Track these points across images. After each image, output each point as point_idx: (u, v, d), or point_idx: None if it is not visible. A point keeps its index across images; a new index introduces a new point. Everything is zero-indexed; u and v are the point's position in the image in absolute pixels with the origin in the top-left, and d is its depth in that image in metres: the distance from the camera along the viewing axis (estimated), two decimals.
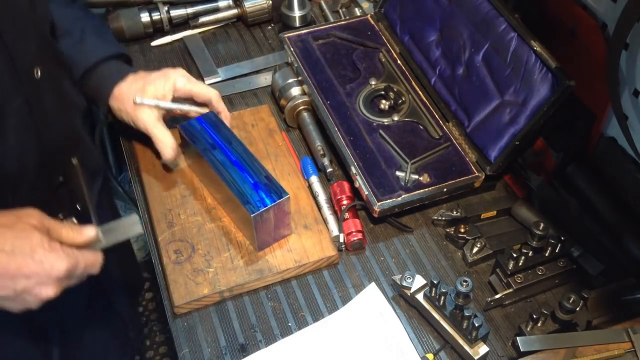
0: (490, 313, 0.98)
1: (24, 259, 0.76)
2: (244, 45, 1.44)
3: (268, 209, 0.97)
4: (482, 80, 1.12)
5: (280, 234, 1.02)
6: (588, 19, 1.01)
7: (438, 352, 0.93)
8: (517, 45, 1.07)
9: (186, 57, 1.41)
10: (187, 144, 1.09)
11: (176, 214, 1.06)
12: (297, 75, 1.25)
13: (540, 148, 1.12)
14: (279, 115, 1.28)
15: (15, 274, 0.76)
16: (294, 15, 1.38)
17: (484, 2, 1.13)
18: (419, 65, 1.24)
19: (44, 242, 0.78)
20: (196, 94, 1.11)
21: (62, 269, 0.78)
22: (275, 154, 1.15)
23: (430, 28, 1.23)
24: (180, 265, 1.00)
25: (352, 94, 1.21)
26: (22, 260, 0.76)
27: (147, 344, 2.08)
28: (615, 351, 0.85)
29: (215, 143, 1.06)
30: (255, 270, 1.00)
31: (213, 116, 1.11)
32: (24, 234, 0.77)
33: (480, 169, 1.09)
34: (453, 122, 1.15)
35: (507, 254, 0.97)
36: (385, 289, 1.01)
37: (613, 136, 1.03)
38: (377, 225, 1.10)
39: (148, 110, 1.08)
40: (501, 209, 1.09)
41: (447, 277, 1.02)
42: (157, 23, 1.43)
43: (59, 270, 0.78)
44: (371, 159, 1.10)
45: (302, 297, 1.00)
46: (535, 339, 0.87)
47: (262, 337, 0.95)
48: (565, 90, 0.99)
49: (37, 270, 0.77)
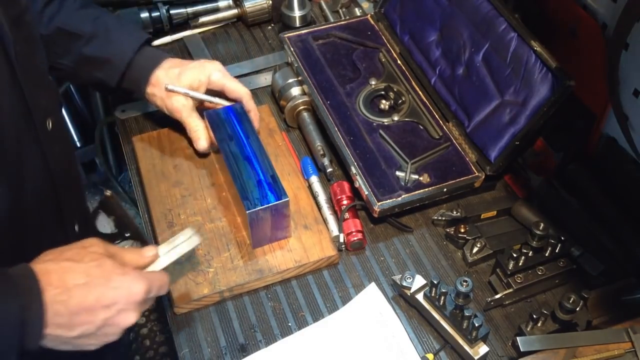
0: (490, 313, 0.98)
1: (100, 289, 0.73)
2: (244, 45, 1.44)
3: (265, 208, 0.97)
4: (482, 80, 1.12)
5: (277, 236, 1.02)
6: (588, 19, 1.01)
7: (438, 352, 0.93)
8: (517, 45, 1.07)
9: (186, 57, 1.41)
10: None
11: (176, 214, 1.06)
12: (297, 75, 1.25)
13: (540, 148, 1.12)
14: (279, 115, 1.28)
15: (94, 306, 0.73)
16: (294, 15, 1.38)
17: (484, 2, 1.13)
18: (419, 65, 1.24)
19: (116, 267, 0.75)
20: (229, 90, 1.13)
21: (141, 291, 0.76)
22: (275, 154, 1.15)
23: (430, 28, 1.23)
24: (180, 265, 1.00)
25: (352, 94, 1.21)
26: (100, 291, 0.73)
27: (147, 344, 2.08)
28: (615, 351, 0.85)
29: (234, 135, 1.08)
30: (255, 270, 1.00)
31: (239, 108, 1.13)
32: (95, 263, 0.74)
33: (480, 169, 1.09)
34: (453, 122, 1.15)
35: (507, 254, 0.97)
36: (385, 289, 1.01)
37: (613, 136, 1.03)
38: (377, 225, 1.10)
39: (182, 99, 1.10)
40: (501, 209, 1.09)
41: (447, 277, 1.02)
42: (157, 23, 1.43)
43: (137, 293, 0.75)
44: (371, 159, 1.10)
45: (302, 297, 1.00)
46: (535, 339, 0.87)
47: (262, 337, 0.95)
48: (565, 90, 0.99)
49: (117, 298, 0.74)
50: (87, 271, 0.74)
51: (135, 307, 0.77)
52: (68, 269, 0.73)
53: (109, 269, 0.75)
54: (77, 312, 0.72)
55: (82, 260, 0.74)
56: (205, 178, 1.12)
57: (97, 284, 0.73)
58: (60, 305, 0.71)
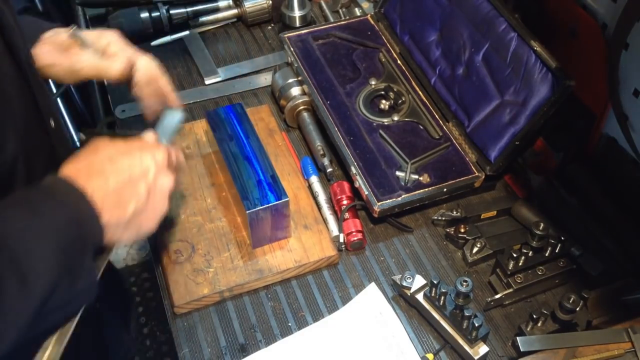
0: (490, 313, 0.98)
1: (128, 160, 0.77)
2: (244, 45, 1.44)
3: (265, 208, 0.97)
4: (482, 80, 1.12)
5: (277, 236, 1.02)
6: (588, 19, 1.01)
7: (438, 352, 0.93)
8: (517, 45, 1.07)
9: (186, 57, 1.41)
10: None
11: (176, 214, 1.06)
12: (297, 75, 1.25)
13: (540, 148, 1.12)
14: (279, 115, 1.28)
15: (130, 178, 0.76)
16: (294, 15, 1.38)
17: (484, 2, 1.13)
18: (419, 65, 1.24)
19: (129, 145, 0.79)
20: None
21: (164, 154, 0.80)
22: (275, 154, 1.15)
23: (430, 28, 1.23)
24: (180, 265, 1.00)
25: (352, 94, 1.21)
26: (128, 162, 0.77)
27: (147, 344, 2.08)
28: (615, 351, 0.85)
29: (234, 135, 1.08)
30: (255, 270, 1.00)
31: (239, 108, 1.13)
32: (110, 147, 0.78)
33: (480, 169, 1.09)
34: (453, 122, 1.15)
35: (507, 254, 0.97)
36: (385, 289, 1.01)
37: (613, 136, 1.03)
38: (377, 225, 1.10)
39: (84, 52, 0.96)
40: (501, 209, 1.09)
41: (447, 277, 1.02)
42: (157, 23, 1.43)
43: (161, 155, 0.80)
44: (371, 159, 1.10)
45: (302, 297, 1.00)
46: (535, 339, 0.87)
47: (262, 337, 0.95)
48: (565, 90, 0.99)
49: (147, 164, 0.78)
50: (108, 154, 0.77)
51: (166, 170, 0.81)
52: (91, 161, 0.77)
53: (126, 147, 0.79)
54: (120, 188, 0.75)
55: (98, 151, 0.78)
56: (205, 178, 1.12)
57: (123, 158, 0.77)
58: (101, 190, 0.74)
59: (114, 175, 0.75)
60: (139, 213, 0.77)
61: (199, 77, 1.36)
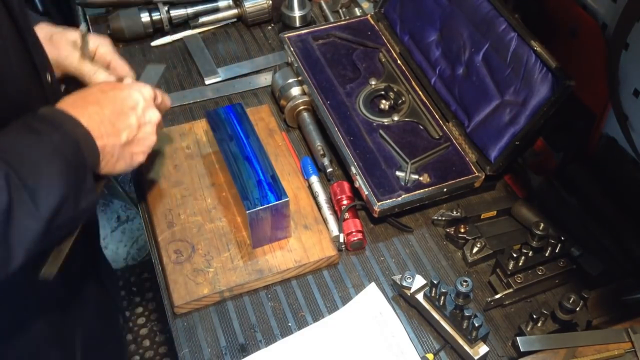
0: (490, 313, 0.98)
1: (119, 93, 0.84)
2: (244, 45, 1.44)
3: (265, 208, 0.97)
4: (482, 80, 1.12)
5: (277, 236, 1.02)
6: (588, 19, 1.01)
7: (438, 352, 0.93)
8: (517, 45, 1.07)
9: (186, 57, 1.41)
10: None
11: (176, 214, 1.06)
12: (297, 75, 1.25)
13: (540, 148, 1.12)
14: (279, 115, 1.28)
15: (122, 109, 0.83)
16: (294, 15, 1.38)
17: (484, 2, 1.13)
18: (419, 65, 1.24)
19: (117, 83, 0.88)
20: (114, 66, 1.03)
21: (150, 90, 0.89)
22: (275, 154, 1.15)
23: (430, 28, 1.23)
24: (180, 265, 1.00)
25: (352, 94, 1.21)
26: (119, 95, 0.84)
27: (147, 344, 2.08)
28: (615, 351, 0.85)
29: (234, 135, 1.08)
30: (255, 270, 1.00)
31: (239, 108, 1.13)
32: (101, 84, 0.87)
33: (480, 169, 1.09)
34: (453, 122, 1.15)
35: (507, 254, 0.97)
36: (385, 289, 1.01)
37: (613, 136, 1.03)
38: (377, 225, 1.10)
39: (70, 49, 0.98)
40: (501, 209, 1.09)
41: (447, 277, 1.02)
42: (157, 23, 1.43)
43: (147, 91, 0.88)
44: (371, 159, 1.10)
45: (302, 297, 1.00)
46: (535, 339, 0.87)
47: (262, 337, 0.95)
48: (565, 90, 0.99)
49: (135, 98, 0.86)
50: (101, 88, 0.85)
51: (153, 105, 0.89)
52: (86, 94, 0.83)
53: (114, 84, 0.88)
54: (115, 117, 0.83)
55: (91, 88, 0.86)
56: (205, 178, 1.12)
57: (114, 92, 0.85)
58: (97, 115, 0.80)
59: (108, 104, 0.82)
60: (131, 143, 0.84)
61: (199, 77, 1.36)
